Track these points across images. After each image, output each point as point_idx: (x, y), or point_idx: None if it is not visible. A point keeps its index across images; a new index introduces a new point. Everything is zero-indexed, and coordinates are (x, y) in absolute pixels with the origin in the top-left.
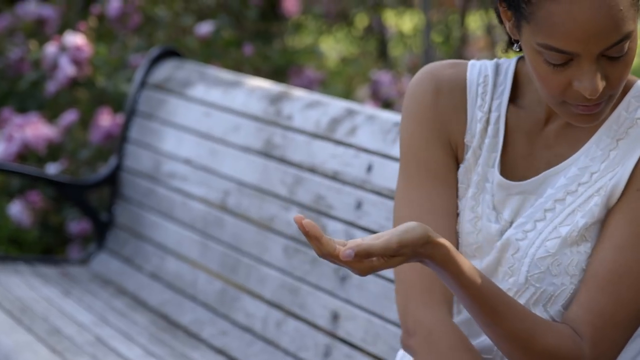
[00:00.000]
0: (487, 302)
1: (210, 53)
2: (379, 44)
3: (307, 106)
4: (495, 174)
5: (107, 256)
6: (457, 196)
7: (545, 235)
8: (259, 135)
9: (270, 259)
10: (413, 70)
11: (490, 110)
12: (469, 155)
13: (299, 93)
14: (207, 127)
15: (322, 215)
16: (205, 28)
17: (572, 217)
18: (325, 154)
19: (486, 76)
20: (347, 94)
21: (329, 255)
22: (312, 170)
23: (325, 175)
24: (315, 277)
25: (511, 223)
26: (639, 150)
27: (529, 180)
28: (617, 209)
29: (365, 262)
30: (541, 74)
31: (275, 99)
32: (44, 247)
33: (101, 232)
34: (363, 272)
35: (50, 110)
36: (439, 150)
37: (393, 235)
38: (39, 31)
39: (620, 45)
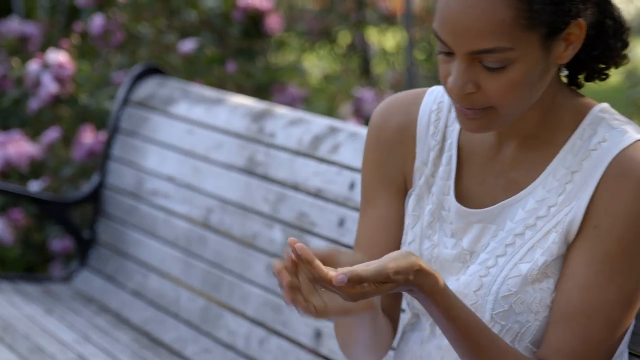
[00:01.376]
0: (470, 335)
1: (193, 70)
2: (361, 61)
3: (290, 123)
4: (452, 202)
5: (90, 274)
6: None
7: (506, 273)
8: (242, 153)
9: (253, 276)
10: (396, 87)
11: (444, 138)
12: (421, 182)
13: (281, 110)
14: (190, 145)
15: (305, 232)
16: (188, 45)
17: (531, 254)
18: (308, 172)
19: (440, 103)
20: (330, 112)
21: (320, 279)
22: (295, 187)
23: (308, 192)
24: None
25: (471, 253)
26: (593, 185)
27: (487, 209)
28: (578, 247)
29: (357, 287)
30: (439, 63)
31: (258, 117)
32: (26, 265)
33: (83, 249)
34: (354, 298)
35: (33, 127)
36: (381, 191)
37: (386, 261)
38: (21, 48)
39: (494, 55)
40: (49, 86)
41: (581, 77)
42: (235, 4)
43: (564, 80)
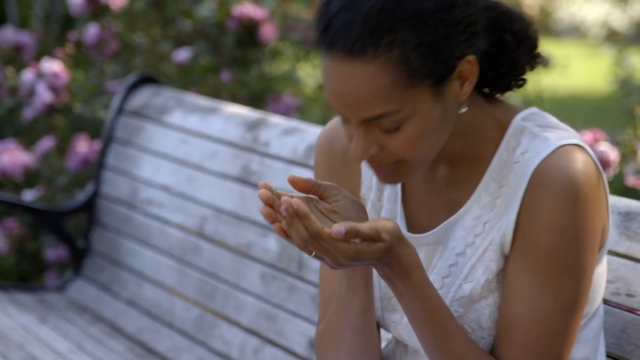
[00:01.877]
0: (440, 319)
1: (188, 79)
2: None
3: (285, 133)
4: (401, 226)
5: (84, 283)
6: None
7: (452, 294)
8: (236, 162)
9: (247, 285)
10: None
11: None
12: (369, 209)
13: (276, 120)
14: (185, 154)
15: None
16: (182, 54)
17: (473, 273)
18: None
19: None
20: (325, 121)
21: (317, 234)
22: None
23: None
24: (293, 304)
25: None
26: (519, 198)
27: (432, 231)
28: (511, 260)
29: (352, 244)
30: (342, 124)
31: (253, 126)
32: (20, 274)
33: (78, 259)
34: (348, 256)
35: (27, 136)
36: None
37: (376, 220)
38: (16, 58)
39: (383, 120)
40: (44, 95)
41: (496, 92)
42: (230, 13)
43: (480, 97)
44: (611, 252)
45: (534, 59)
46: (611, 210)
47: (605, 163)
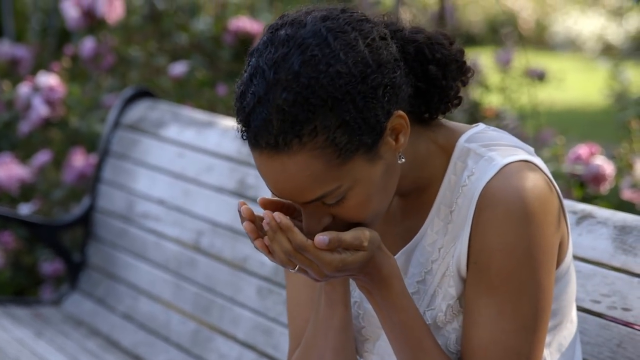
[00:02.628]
0: (415, 331)
1: (184, 93)
2: None
3: None
4: None
5: (80, 297)
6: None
7: None
8: (232, 176)
9: (243, 299)
10: None
11: None
12: None
13: None
14: (181, 168)
15: None
16: (178, 68)
17: (434, 300)
18: None
19: None
20: None
21: (300, 246)
22: None
23: None
24: None
25: None
26: (469, 222)
27: None
28: (467, 284)
29: (335, 255)
30: None
31: None
32: (16, 288)
33: (74, 272)
34: (333, 267)
35: (23, 150)
36: None
37: (359, 229)
38: (12, 71)
39: (325, 199)
40: (40, 109)
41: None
42: (226, 27)
43: (420, 125)
44: (607, 266)
45: (464, 75)
46: (607, 224)
47: (601, 177)
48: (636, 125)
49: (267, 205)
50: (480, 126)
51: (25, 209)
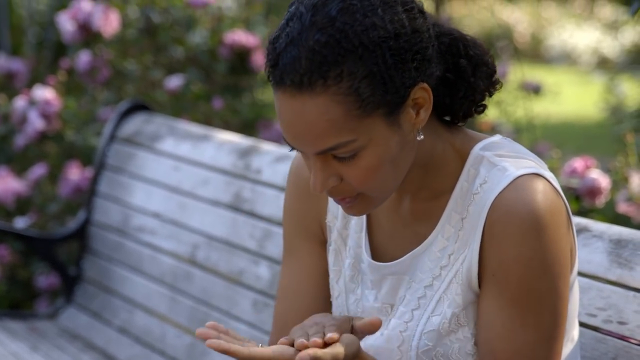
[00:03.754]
0: None
1: (180, 107)
2: None
3: (276, 160)
4: (365, 256)
5: (76, 310)
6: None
7: (422, 327)
8: (228, 189)
9: (239, 313)
10: None
11: None
12: (334, 237)
13: (268, 147)
14: (176, 181)
15: None
16: (174, 82)
17: (440, 306)
18: None
19: None
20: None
21: None
22: (281, 223)
23: None
24: None
25: (391, 305)
26: (480, 230)
27: (397, 261)
28: (485, 296)
29: None
30: (303, 159)
31: (245, 153)
32: (11, 302)
33: (69, 286)
34: None
35: (19, 164)
36: (302, 241)
37: (336, 345)
38: (8, 85)
39: (338, 150)
40: (36, 123)
41: (458, 117)
42: (222, 41)
43: (440, 125)
44: (602, 280)
45: (492, 86)
46: (602, 238)
47: (596, 190)
48: (632, 139)
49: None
50: (497, 137)
51: (21, 223)
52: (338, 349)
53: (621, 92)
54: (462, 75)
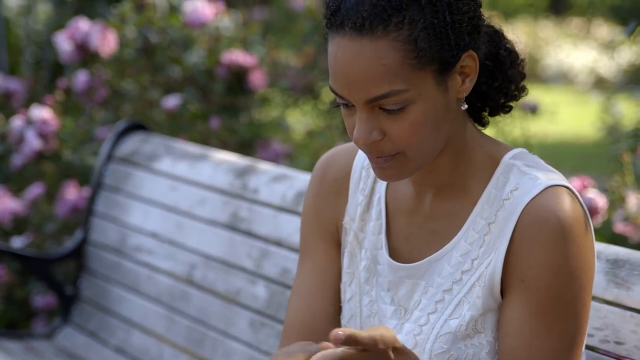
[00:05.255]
0: None
1: (177, 126)
2: None
3: (274, 180)
4: (384, 256)
5: (73, 330)
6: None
7: (437, 330)
8: (225, 209)
9: (236, 332)
10: None
11: (372, 193)
12: (350, 239)
13: (265, 166)
14: (174, 201)
15: (288, 288)
16: (172, 101)
17: (459, 309)
18: (291, 228)
19: None
20: (314, 168)
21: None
22: (279, 243)
23: (291, 248)
24: None
25: (405, 309)
26: (508, 235)
27: (415, 264)
28: (511, 302)
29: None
30: (343, 118)
31: (242, 173)
32: (8, 322)
33: (66, 306)
34: None
35: (16, 183)
36: (318, 240)
37: (372, 330)
38: (5, 104)
39: (390, 99)
40: (33, 142)
41: (485, 113)
42: (219, 61)
43: (473, 124)
44: (599, 300)
45: (522, 90)
46: (599, 258)
47: (593, 210)
48: (628, 158)
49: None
50: (523, 149)
51: (17, 242)
52: (369, 331)
53: (618, 112)
54: (501, 65)
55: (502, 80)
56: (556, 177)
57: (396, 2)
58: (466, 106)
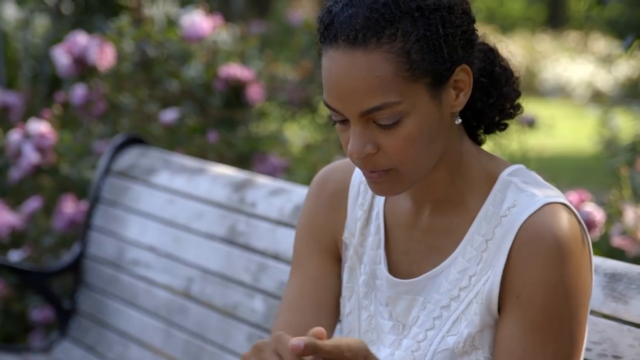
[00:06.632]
0: None
1: (175, 140)
2: None
3: (271, 193)
4: (383, 271)
5: (70, 344)
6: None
7: (435, 347)
8: (223, 223)
9: (234, 346)
10: None
11: (371, 208)
12: (350, 254)
13: (262, 180)
14: (171, 214)
15: None
16: (169, 115)
17: (457, 326)
18: (289, 241)
19: None
20: (311, 181)
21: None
22: (276, 257)
23: (289, 262)
24: None
25: (403, 325)
26: (505, 252)
27: (414, 280)
28: (506, 319)
29: None
30: (338, 134)
31: (239, 186)
32: (5, 335)
33: (64, 319)
34: None
35: (14, 197)
36: (312, 254)
37: (340, 339)
38: (3, 118)
39: (385, 112)
40: (30, 156)
41: (481, 131)
42: (217, 74)
43: (469, 140)
44: (597, 314)
45: (517, 108)
46: (597, 271)
47: (591, 224)
48: (626, 172)
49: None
50: (520, 165)
51: (15, 256)
52: (336, 340)
53: (615, 126)
54: (496, 82)
55: (498, 98)
56: (553, 194)
57: (389, 15)
58: (460, 120)
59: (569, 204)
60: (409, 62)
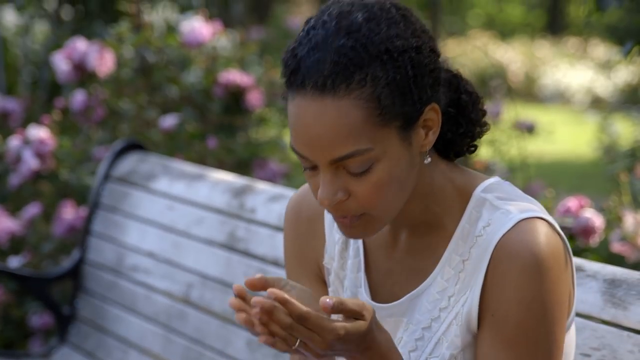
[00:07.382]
0: None
1: (174, 146)
2: None
3: (271, 199)
4: (364, 296)
5: (69, 350)
6: None
7: None
8: (223, 228)
9: (233, 352)
10: None
11: None
12: (332, 278)
13: (262, 186)
14: (171, 220)
15: None
16: (169, 121)
17: (439, 348)
18: None
19: None
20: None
21: (301, 317)
22: (276, 263)
23: None
24: None
25: None
26: (482, 272)
27: (395, 303)
28: (482, 337)
29: (336, 322)
30: (306, 179)
31: (239, 192)
32: (5, 341)
33: (63, 325)
34: (333, 334)
35: (13, 203)
36: (301, 278)
37: (358, 300)
38: (2, 124)
39: (355, 159)
40: (30, 162)
41: (451, 154)
42: (216, 80)
43: (440, 160)
44: (597, 320)
45: (484, 125)
46: (596, 277)
47: (590, 230)
48: (625, 178)
49: (253, 285)
50: (496, 178)
51: (14, 262)
52: (362, 301)
53: (614, 132)
54: (463, 110)
55: (467, 125)
56: (530, 208)
57: (358, 60)
58: (429, 160)
59: (548, 217)
60: (379, 108)
